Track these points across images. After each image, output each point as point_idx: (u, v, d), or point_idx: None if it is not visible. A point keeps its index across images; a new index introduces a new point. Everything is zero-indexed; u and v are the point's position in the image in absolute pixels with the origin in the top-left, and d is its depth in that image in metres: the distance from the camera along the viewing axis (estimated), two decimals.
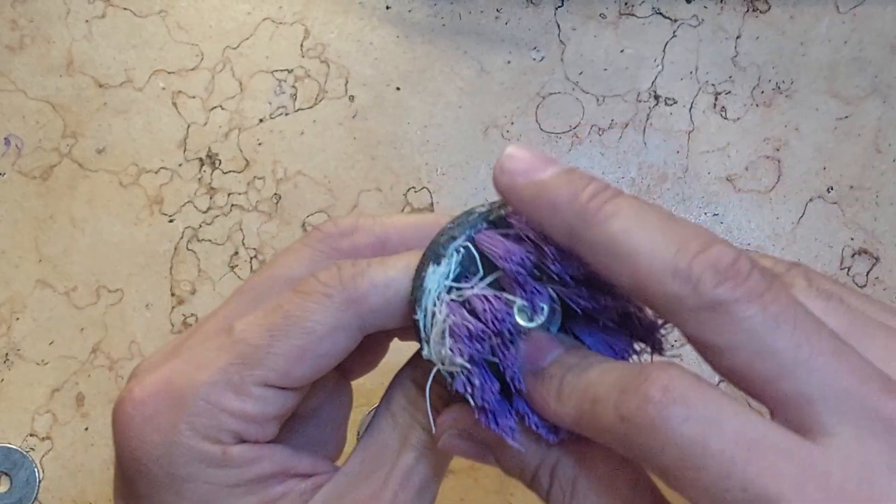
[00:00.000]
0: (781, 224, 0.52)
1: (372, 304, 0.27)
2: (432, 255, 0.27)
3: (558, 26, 0.53)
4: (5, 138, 0.53)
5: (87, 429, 0.51)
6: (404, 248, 0.30)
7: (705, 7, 0.53)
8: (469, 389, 0.25)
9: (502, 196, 0.26)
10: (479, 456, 0.28)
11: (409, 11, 0.53)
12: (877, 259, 0.52)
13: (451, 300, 0.26)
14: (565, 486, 0.26)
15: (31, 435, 0.51)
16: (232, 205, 0.52)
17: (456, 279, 0.26)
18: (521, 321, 0.26)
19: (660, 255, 0.22)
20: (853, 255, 0.52)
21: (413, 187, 0.52)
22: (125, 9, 0.53)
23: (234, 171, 0.53)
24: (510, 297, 0.26)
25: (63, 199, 0.52)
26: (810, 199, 0.52)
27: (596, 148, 0.53)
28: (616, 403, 0.23)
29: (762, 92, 0.53)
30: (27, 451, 0.51)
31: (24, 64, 0.53)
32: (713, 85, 0.53)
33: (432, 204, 0.52)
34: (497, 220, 0.27)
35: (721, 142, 0.53)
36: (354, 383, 0.34)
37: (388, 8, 0.53)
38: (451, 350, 0.25)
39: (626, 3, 0.53)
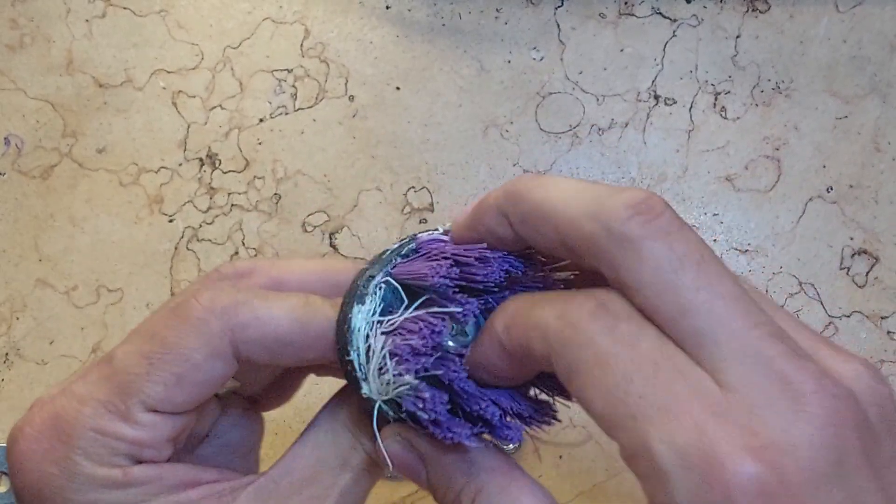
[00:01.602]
0: (781, 223, 0.52)
1: (249, 335, 0.27)
2: (355, 296, 0.27)
3: (558, 26, 0.53)
4: (5, 138, 0.53)
5: None
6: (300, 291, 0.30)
7: (705, 7, 0.53)
8: (420, 405, 0.26)
9: (457, 240, 0.28)
10: (415, 470, 0.29)
11: (409, 11, 0.53)
12: (876, 259, 0.52)
13: (383, 332, 0.27)
14: None
15: None
16: (232, 204, 0.52)
17: (381, 314, 0.27)
18: (452, 338, 0.27)
19: (576, 203, 0.24)
20: (853, 255, 0.52)
21: (413, 186, 0.53)
22: (125, 8, 0.53)
23: (234, 171, 0.53)
24: (442, 309, 0.27)
25: (63, 199, 0.52)
26: (810, 199, 0.52)
27: (596, 147, 0.53)
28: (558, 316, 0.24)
29: (762, 91, 0.53)
30: None
31: (24, 63, 0.53)
32: (713, 84, 0.53)
33: (432, 203, 0.52)
34: (409, 253, 0.28)
35: (721, 141, 0.53)
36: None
37: (387, 7, 0.53)
38: (395, 374, 0.26)
39: (625, 3, 0.53)
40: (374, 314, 0.27)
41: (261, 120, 0.53)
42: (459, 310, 0.27)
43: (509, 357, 0.26)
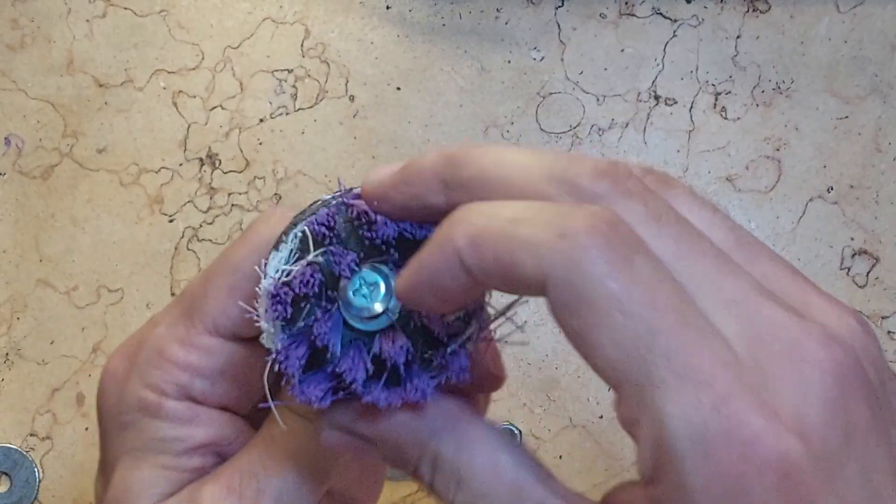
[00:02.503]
0: (781, 224, 0.52)
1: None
2: (275, 242, 0.26)
3: (558, 26, 0.53)
4: (6, 138, 0.53)
5: (87, 429, 0.51)
6: None
7: (705, 7, 0.53)
8: (279, 357, 0.25)
9: (369, 196, 0.26)
10: (362, 450, 0.27)
11: (410, 11, 0.53)
12: (877, 259, 0.52)
13: (282, 282, 0.25)
14: (449, 476, 0.24)
15: (31, 435, 0.51)
16: (232, 204, 0.52)
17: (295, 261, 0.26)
18: (356, 294, 0.26)
19: (535, 169, 0.22)
20: (853, 255, 0.52)
21: None
22: (126, 8, 0.53)
23: (234, 171, 0.53)
24: (315, 258, 0.25)
25: (64, 199, 0.52)
26: (810, 199, 0.52)
27: (596, 148, 0.53)
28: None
29: (762, 91, 0.53)
30: (27, 451, 0.51)
31: (24, 63, 0.53)
32: (713, 85, 0.53)
33: None
34: (339, 206, 0.26)
35: (721, 141, 0.53)
36: None
37: (388, 7, 0.53)
38: (266, 321, 0.25)
39: (626, 3, 0.53)
40: (285, 261, 0.26)
41: (261, 120, 0.53)
42: (325, 260, 0.25)
43: (468, 278, 0.21)
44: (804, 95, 0.53)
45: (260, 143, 0.53)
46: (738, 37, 0.53)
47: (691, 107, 0.53)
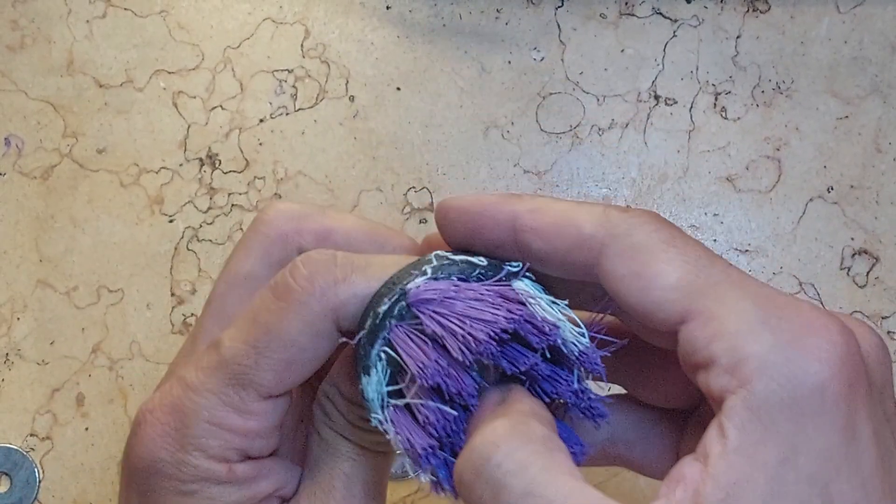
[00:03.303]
0: (782, 224, 0.52)
1: (350, 311, 0.27)
2: (361, 367, 0.27)
3: (558, 26, 0.53)
4: (6, 138, 0.53)
5: (87, 429, 0.51)
6: (348, 248, 0.30)
7: (705, 7, 0.53)
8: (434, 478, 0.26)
9: (445, 231, 0.28)
10: None
11: (410, 12, 0.53)
12: (877, 259, 0.52)
13: (394, 407, 0.26)
14: None
15: (31, 435, 0.51)
16: (232, 205, 0.52)
17: (390, 380, 0.26)
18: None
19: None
20: (853, 255, 0.52)
21: (413, 187, 0.53)
22: (126, 9, 0.53)
23: (234, 171, 0.53)
24: (445, 408, 0.25)
25: (64, 200, 0.52)
26: (810, 199, 0.52)
27: (596, 148, 0.53)
28: None
29: (762, 92, 0.53)
30: (27, 451, 0.51)
31: (24, 64, 0.53)
32: (713, 85, 0.53)
33: (433, 203, 0.52)
34: (403, 314, 0.26)
35: (721, 141, 0.53)
36: None
37: (388, 8, 0.53)
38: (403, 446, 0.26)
39: (626, 4, 0.53)
40: (382, 384, 0.26)
41: (261, 120, 0.53)
42: (453, 415, 0.25)
43: (520, 238, 0.27)
44: (804, 96, 0.53)
45: (260, 144, 0.53)
46: (738, 37, 0.53)
47: (691, 107, 0.53)
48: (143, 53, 0.53)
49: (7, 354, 0.51)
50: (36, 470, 0.50)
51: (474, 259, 0.27)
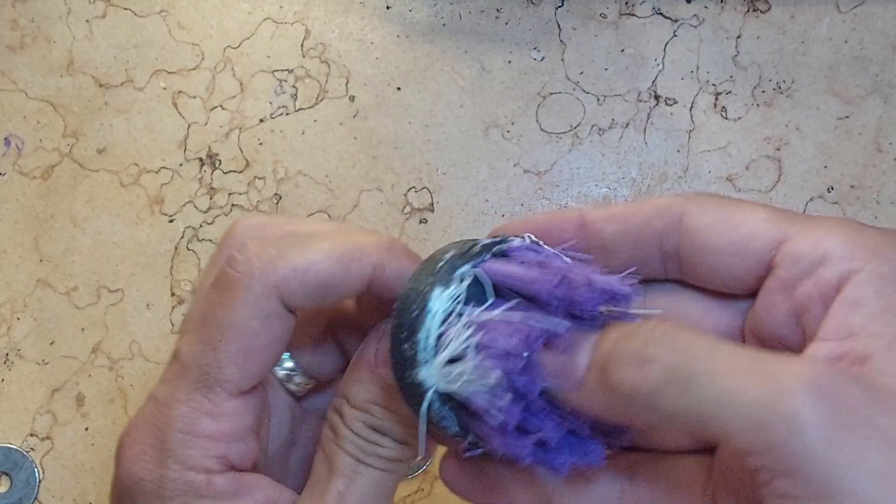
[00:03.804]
0: None
1: (292, 287, 0.27)
2: (437, 277, 0.26)
3: (559, 26, 0.53)
4: (6, 138, 0.53)
5: (87, 429, 0.51)
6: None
7: (706, 7, 0.53)
8: (495, 405, 0.25)
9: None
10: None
11: (410, 11, 0.53)
12: None
13: (468, 322, 0.25)
14: None
15: (31, 435, 0.51)
16: (232, 205, 0.52)
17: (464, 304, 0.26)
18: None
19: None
20: None
21: (413, 187, 0.53)
22: (126, 9, 0.53)
23: (234, 171, 0.53)
24: (546, 318, 0.25)
25: (64, 199, 0.52)
26: (811, 199, 0.52)
27: (596, 148, 0.53)
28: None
29: (763, 91, 0.53)
30: (27, 451, 0.51)
31: (24, 64, 0.53)
32: (714, 84, 0.53)
33: (433, 203, 0.52)
34: (499, 253, 0.27)
35: (722, 141, 0.53)
36: None
37: (388, 8, 0.53)
38: (476, 366, 0.25)
39: (626, 3, 0.53)
40: (456, 300, 0.25)
41: (261, 120, 0.53)
42: (567, 326, 0.25)
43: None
44: (805, 95, 0.53)
45: (260, 144, 0.53)
46: (738, 37, 0.53)
47: (691, 107, 0.53)
48: (143, 53, 0.53)
49: (7, 354, 0.51)
50: (36, 470, 0.50)
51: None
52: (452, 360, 0.25)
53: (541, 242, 0.28)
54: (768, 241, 0.26)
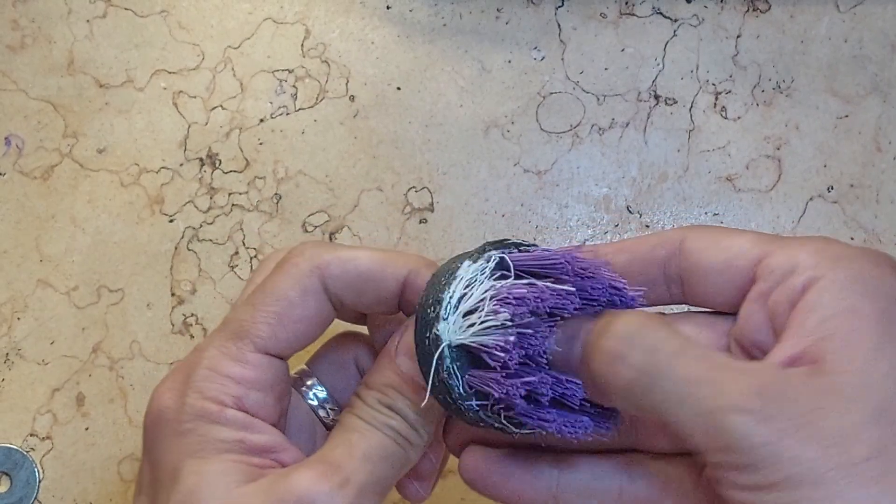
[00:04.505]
0: (782, 223, 0.52)
1: (334, 271, 0.32)
2: (468, 255, 0.29)
3: (559, 26, 0.53)
4: (6, 138, 0.53)
5: (87, 429, 0.51)
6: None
7: (706, 6, 0.53)
8: (501, 344, 0.27)
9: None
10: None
11: (410, 11, 0.53)
12: None
13: (488, 285, 0.28)
14: None
15: (31, 435, 0.51)
16: (233, 204, 0.52)
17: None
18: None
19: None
20: None
21: (414, 187, 0.53)
22: (126, 9, 0.53)
23: (234, 171, 0.53)
24: (558, 287, 0.28)
25: (64, 199, 0.52)
26: (811, 198, 0.52)
27: (596, 147, 0.53)
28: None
29: (762, 91, 0.53)
30: (27, 451, 0.50)
31: (25, 64, 0.53)
32: (713, 84, 0.53)
33: (433, 203, 0.52)
34: (524, 250, 0.30)
35: (721, 141, 0.53)
36: None
37: (388, 8, 0.53)
38: (489, 311, 0.27)
39: (626, 3, 0.53)
40: (482, 272, 0.28)
41: (261, 120, 0.53)
42: (576, 299, 0.28)
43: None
44: (804, 95, 0.53)
45: (260, 143, 0.53)
46: (738, 36, 0.53)
47: (691, 106, 0.53)
48: (144, 53, 0.53)
49: (7, 354, 0.51)
50: (36, 470, 0.50)
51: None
52: (469, 314, 0.28)
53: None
54: (750, 259, 0.29)
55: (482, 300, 0.28)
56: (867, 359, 0.24)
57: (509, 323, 0.27)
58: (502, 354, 0.27)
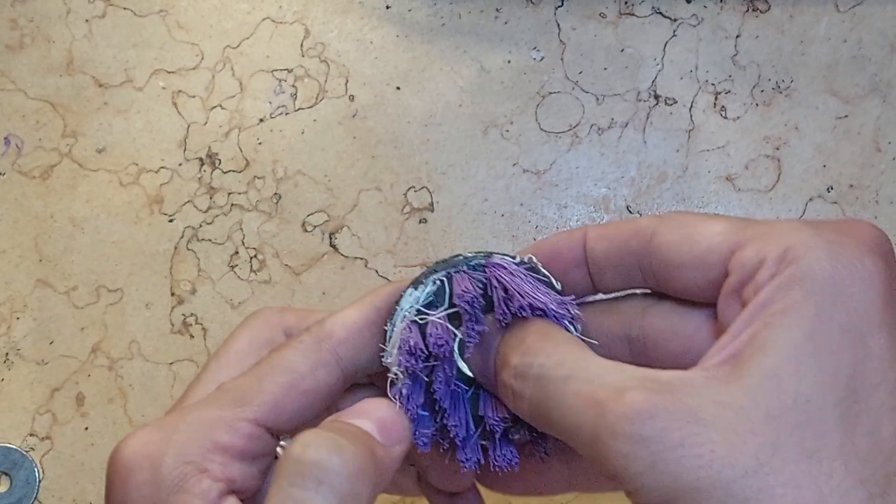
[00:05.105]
0: None
1: (339, 336, 0.31)
2: (414, 281, 0.31)
3: (558, 26, 0.53)
4: (5, 138, 0.53)
5: (87, 428, 0.51)
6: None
7: (705, 6, 0.53)
8: (398, 397, 0.30)
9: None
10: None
11: (409, 11, 0.53)
12: None
13: (413, 321, 0.30)
14: None
15: (31, 435, 0.51)
16: (232, 204, 0.52)
17: (427, 306, 0.30)
18: (458, 353, 0.30)
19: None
20: None
21: (413, 186, 0.53)
22: (125, 8, 0.53)
23: (234, 171, 0.53)
24: (454, 329, 0.30)
25: (63, 199, 0.52)
26: (810, 199, 0.52)
27: (595, 147, 0.53)
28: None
29: (762, 91, 0.53)
30: (27, 451, 0.51)
31: (24, 63, 0.53)
32: (713, 84, 0.53)
33: (432, 203, 0.52)
34: (476, 266, 0.31)
35: (721, 141, 0.53)
36: None
37: (387, 7, 0.53)
38: (397, 360, 0.30)
39: (625, 3, 0.53)
40: (418, 301, 0.30)
41: (261, 120, 0.53)
42: (469, 335, 0.29)
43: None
44: (804, 95, 0.53)
45: (259, 143, 0.53)
46: (737, 36, 0.53)
47: (691, 106, 0.53)
48: (143, 53, 0.53)
49: (7, 354, 0.51)
50: (36, 469, 0.50)
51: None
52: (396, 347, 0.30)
53: (535, 260, 0.31)
54: (722, 253, 0.28)
55: (397, 343, 0.30)
56: (777, 363, 0.24)
57: (398, 373, 0.30)
58: (402, 404, 0.30)
